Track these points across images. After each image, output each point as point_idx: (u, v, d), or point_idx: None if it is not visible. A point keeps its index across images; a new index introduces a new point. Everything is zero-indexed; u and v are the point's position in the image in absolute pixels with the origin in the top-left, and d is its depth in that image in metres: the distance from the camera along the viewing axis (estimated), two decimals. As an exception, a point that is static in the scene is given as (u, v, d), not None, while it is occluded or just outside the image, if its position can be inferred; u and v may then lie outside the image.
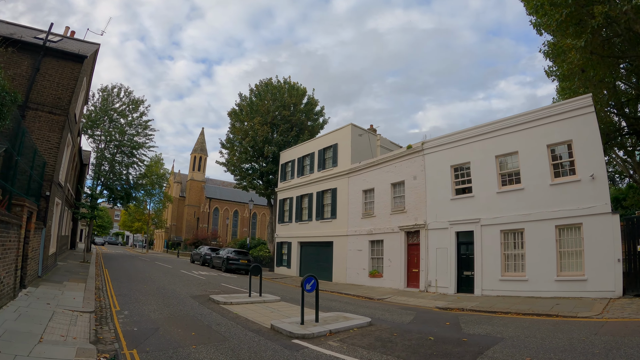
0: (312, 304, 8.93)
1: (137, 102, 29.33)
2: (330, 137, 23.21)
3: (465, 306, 11.78)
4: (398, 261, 17.43)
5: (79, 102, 15.94)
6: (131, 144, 28.90)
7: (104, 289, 11.82)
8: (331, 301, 13.45)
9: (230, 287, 15.19)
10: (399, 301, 13.92)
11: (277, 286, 18.12)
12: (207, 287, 14.42)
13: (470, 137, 15.78)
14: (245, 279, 20.30)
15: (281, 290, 16.25)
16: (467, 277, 15.00)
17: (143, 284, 13.97)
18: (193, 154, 60.53)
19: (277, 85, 29.74)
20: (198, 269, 23.78)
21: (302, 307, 8.18)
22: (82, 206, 25.42)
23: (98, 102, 28.42)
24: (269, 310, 9.94)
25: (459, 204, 15.78)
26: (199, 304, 10.34)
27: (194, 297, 11.68)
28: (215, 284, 16.16)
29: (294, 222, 25.22)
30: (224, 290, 14.13)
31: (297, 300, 12.73)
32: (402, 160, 18.29)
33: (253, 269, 12.01)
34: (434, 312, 11.53)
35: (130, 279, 15.06)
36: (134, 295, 11.15)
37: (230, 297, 11.38)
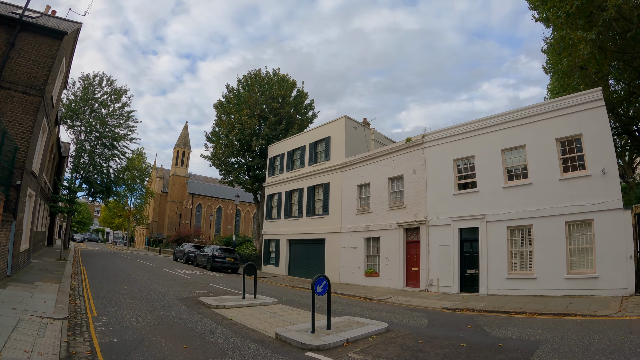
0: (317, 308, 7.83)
1: (119, 92, 27.45)
2: (323, 130, 22.10)
3: (474, 306, 11.06)
4: (396, 259, 16.53)
5: (57, 85, 14.27)
6: (112, 135, 27.03)
7: (80, 290, 10.50)
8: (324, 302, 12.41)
9: (219, 288, 13.87)
10: (401, 302, 13.01)
11: (267, 286, 16.89)
12: (194, 288, 13.07)
13: (474, 130, 15.01)
14: (233, 278, 19.13)
15: (273, 290, 15.07)
16: (471, 275, 14.27)
17: (123, 284, 12.55)
18: (176, 148, 58.42)
19: (266, 77, 28.35)
20: (182, 268, 22.25)
21: (313, 313, 7.05)
22: (60, 200, 23.50)
23: (79, 91, 26.47)
24: (267, 315, 8.78)
25: (462, 199, 14.97)
26: (187, 308, 9.05)
27: (181, 299, 10.36)
28: (202, 284, 14.80)
29: (283, 218, 23.99)
30: (213, 291, 12.81)
31: (295, 302, 11.67)
32: (400, 154, 17.38)
33: (247, 269, 10.80)
34: (444, 313, 10.66)
35: (109, 279, 13.62)
36: (113, 297, 9.77)
37: (222, 300, 10.14)
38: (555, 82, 22.66)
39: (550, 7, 14.50)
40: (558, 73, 18.81)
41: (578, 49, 14.28)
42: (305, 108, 28.95)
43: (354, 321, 8.20)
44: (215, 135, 29.30)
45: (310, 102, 29.11)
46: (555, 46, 16.57)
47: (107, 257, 26.40)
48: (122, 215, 45.42)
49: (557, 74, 19.11)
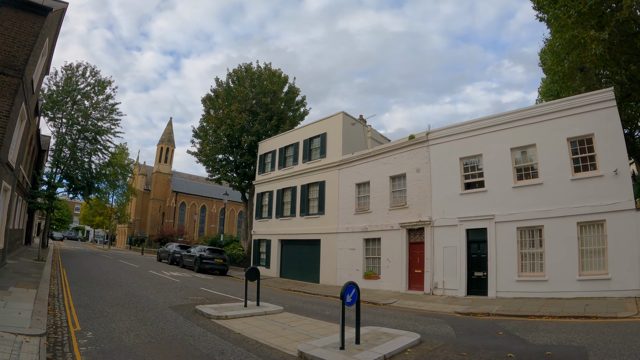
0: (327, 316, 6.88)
1: (103, 84, 25.60)
2: (318, 126, 21.08)
3: (489, 310, 10.50)
4: (398, 261, 15.73)
5: (39, 68, 12.71)
6: (95, 128, 25.15)
7: (60, 297, 9.19)
8: (333, 308, 11.41)
9: (213, 293, 12.61)
10: (409, 306, 12.23)
11: (261, 289, 15.75)
12: (187, 293, 11.78)
13: (482, 127, 14.44)
14: (224, 281, 17.90)
15: (269, 294, 13.94)
16: (478, 278, 13.64)
17: (108, 289, 11.17)
18: (160, 144, 56.04)
19: (257, 71, 27.08)
20: (168, 269, 20.73)
21: (343, 327, 6.04)
22: (39, 195, 21.60)
23: (61, 81, 24.55)
24: (278, 327, 7.72)
25: (469, 199, 14.31)
26: (184, 319, 7.84)
27: (175, 308, 9.12)
28: (194, 288, 13.50)
29: (275, 217, 22.84)
30: (208, 297, 11.55)
31: (301, 309, 10.62)
32: (402, 152, 16.59)
33: (250, 273, 9.66)
34: (461, 319, 9.94)
35: (92, 283, 12.20)
36: (98, 306, 8.45)
37: (223, 309, 8.97)
38: (550, 84, 22.53)
39: (561, 6, 14.20)
40: (558, 74, 18.52)
41: (589, 49, 14.02)
42: (296, 104, 27.84)
43: (381, 332, 7.24)
44: (202, 131, 27.81)
45: (301, 98, 28.05)
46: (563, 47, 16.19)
47: (88, 257, 24.59)
48: (103, 213, 42.92)
49: (557, 75, 18.80)
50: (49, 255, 20.80)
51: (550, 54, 17.78)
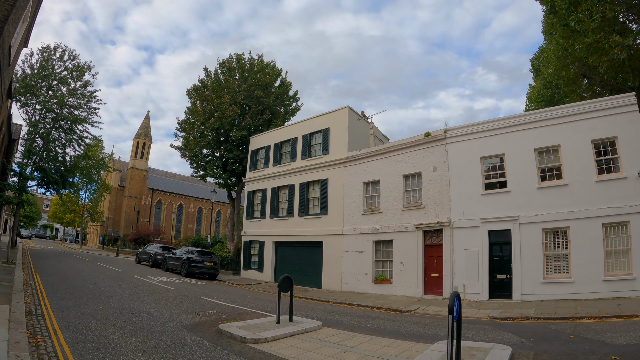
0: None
1: (82, 69, 22.65)
2: (320, 121, 19.46)
3: (526, 314, 9.95)
4: (413, 264, 14.46)
5: (18, 35, 10.27)
6: (71, 117, 22.14)
7: (39, 315, 7.02)
8: (367, 318, 10.02)
9: (221, 304, 10.70)
10: (436, 312, 11.18)
11: (260, 296, 14.00)
12: (192, 306, 9.83)
13: (504, 127, 13.75)
14: (220, 287, 15.98)
15: (272, 302, 12.29)
16: (501, 281, 12.85)
17: (96, 301, 9.06)
18: (136, 139, 52.05)
19: (249, 62, 25.06)
20: (153, 273, 18.31)
21: (452, 348, 4.57)
22: (8, 188, 18.56)
23: (37, 64, 21.50)
24: (336, 349, 6.07)
25: (491, 199, 13.40)
26: (212, 345, 6.02)
27: (190, 327, 7.22)
28: (194, 298, 11.48)
29: (268, 217, 20.95)
30: (219, 309, 9.69)
31: (335, 322, 8.98)
32: (417, 149, 15.37)
33: (283, 283, 7.94)
34: (505, 324, 9.20)
35: (74, 292, 9.98)
36: (92, 328, 6.43)
37: (254, 328, 7.19)
38: (542, 89, 22.32)
39: (583, 10, 13.75)
40: (563, 79, 18.14)
41: (610, 54, 13.63)
42: (289, 99, 26.07)
43: (466, 346, 5.92)
44: (187, 124, 25.36)
45: (294, 93, 26.30)
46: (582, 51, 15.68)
47: (61, 259, 21.73)
48: (75, 210, 38.68)
49: (561, 80, 18.38)
50: (19, 256, 18.10)
51: (555, 60, 17.28)
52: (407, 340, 7.02)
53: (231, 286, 17.27)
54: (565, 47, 16.16)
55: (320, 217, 18.23)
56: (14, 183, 20.41)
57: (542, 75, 22.58)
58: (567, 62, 16.57)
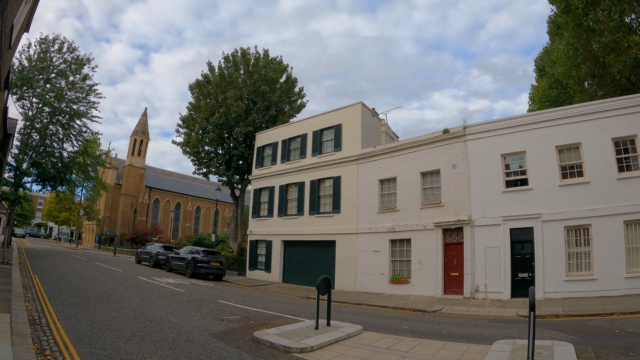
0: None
1: (81, 62, 21.89)
2: (331, 117, 19.14)
3: (555, 312, 9.86)
4: (432, 264, 14.27)
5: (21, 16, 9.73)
6: (70, 111, 21.39)
7: (44, 324, 6.33)
8: (382, 318, 9.86)
9: (242, 308, 10.25)
10: (462, 312, 11.05)
11: (275, 298, 13.68)
12: (211, 310, 9.36)
13: (525, 124, 13.72)
14: (231, 289, 15.65)
15: (293, 305, 11.99)
16: (523, 279, 12.81)
17: (105, 306, 8.40)
18: (133, 136, 51.14)
19: (255, 57, 24.59)
20: (157, 274, 17.81)
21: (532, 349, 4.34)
22: (4, 184, 17.81)
23: (35, 56, 20.78)
24: (391, 355, 5.76)
25: (513, 197, 13.33)
26: (252, 357, 5.51)
27: (220, 336, 6.66)
28: (210, 301, 10.96)
29: (277, 216, 20.57)
30: (243, 314, 9.24)
31: (371, 325, 8.61)
32: (435, 146, 15.19)
33: (322, 285, 7.57)
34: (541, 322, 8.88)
35: (79, 296, 9.27)
36: (107, 339, 5.71)
37: (292, 335, 6.76)
38: (547, 89, 22.37)
39: (602, 10, 13.76)
40: (573, 79, 18.19)
41: (629, 54, 13.69)
42: (295, 96, 25.67)
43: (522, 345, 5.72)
44: (190, 120, 24.77)
45: (299, 89, 25.91)
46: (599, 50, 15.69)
47: (59, 259, 21.07)
48: (70, 209, 37.58)
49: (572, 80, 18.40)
50: (14, 255, 17.51)
51: (565, 59, 17.27)
52: (457, 341, 6.81)
53: (240, 287, 16.92)
54: (576, 47, 16.22)
55: (332, 216, 17.92)
56: (9, 178, 19.63)
57: (547, 75, 22.65)
58: (577, 61, 16.65)
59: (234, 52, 24.55)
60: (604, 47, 14.75)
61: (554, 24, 22.28)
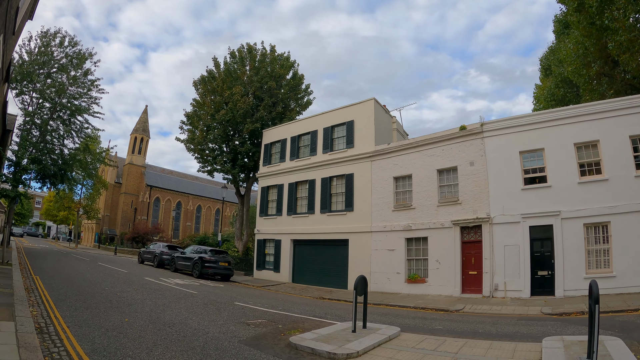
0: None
1: (83, 56, 21.55)
2: (343, 113, 19.12)
3: (580, 309, 10.02)
4: (450, 262, 14.31)
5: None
6: (71, 107, 21.03)
7: (52, 332, 5.79)
8: (409, 318, 9.89)
9: (263, 310, 9.96)
10: (485, 311, 11.11)
11: (291, 299, 13.59)
12: (233, 314, 8.99)
13: (542, 121, 13.91)
14: (243, 290, 15.59)
15: (313, 306, 11.93)
16: (542, 277, 12.98)
17: (116, 310, 7.92)
18: (134, 134, 51.07)
19: (262, 52, 24.45)
20: (164, 275, 17.71)
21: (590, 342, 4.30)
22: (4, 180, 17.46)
23: (35, 49, 20.73)
24: (442, 357, 5.68)
25: (532, 194, 13.51)
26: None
27: (251, 342, 6.32)
28: (226, 303, 10.69)
29: (285, 215, 20.49)
30: (266, 317, 8.95)
31: (405, 326, 8.48)
32: (452, 143, 15.24)
33: (360, 284, 7.43)
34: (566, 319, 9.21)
35: (87, 300, 8.78)
36: (127, 350, 5.25)
37: (330, 339, 6.46)
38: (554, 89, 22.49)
39: (618, 8, 13.87)
40: (584, 77, 18.33)
41: None
42: (302, 92, 25.53)
43: (575, 340, 5.86)
44: (194, 116, 24.51)
45: (306, 86, 25.78)
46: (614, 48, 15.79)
47: (59, 259, 20.88)
48: (70, 207, 37.14)
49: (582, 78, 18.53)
50: (14, 255, 17.32)
51: (575, 58, 17.38)
52: (500, 340, 6.85)
53: (251, 288, 16.86)
54: (586, 46, 16.34)
55: (345, 214, 17.89)
56: (9, 174, 19.19)
57: (554, 75, 22.79)
58: (588, 60, 16.77)
59: (240, 48, 24.46)
60: (619, 46, 14.87)
61: (560, 23, 22.50)
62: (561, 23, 22.12)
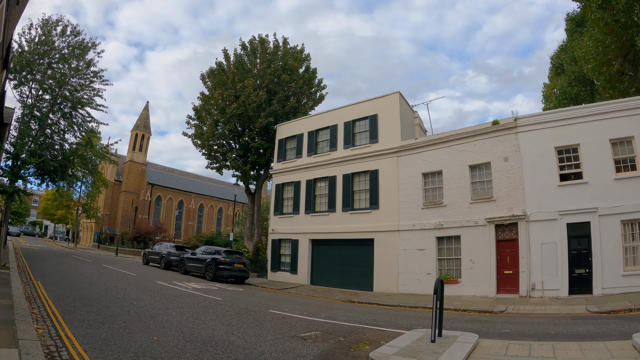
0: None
1: (86, 46, 21.73)
2: (365, 107, 19.55)
3: (627, 307, 10.49)
4: (485, 261, 14.81)
5: None
6: (73, 99, 21.18)
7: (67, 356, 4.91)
8: (463, 322, 10.04)
9: (307, 319, 9.42)
10: (531, 311, 11.49)
11: (318, 303, 13.50)
12: (277, 325, 8.32)
13: (577, 117, 14.45)
14: (266, 294, 15.67)
15: (344, 310, 11.77)
16: (579, 275, 13.50)
17: (139, 326, 6.99)
18: (134, 130, 51.88)
19: (274, 44, 24.83)
20: (176, 278, 17.44)
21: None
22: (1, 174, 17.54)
23: (36, 38, 20.91)
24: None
25: (568, 191, 14.04)
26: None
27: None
28: (261, 311, 10.20)
29: (303, 213, 20.91)
30: (313, 327, 8.40)
31: (474, 331, 7.84)
32: (484, 138, 15.75)
33: (440, 288, 7.22)
34: (625, 317, 9.61)
35: (100, 312, 7.84)
36: None
37: (416, 352, 6.07)
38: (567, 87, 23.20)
39: None
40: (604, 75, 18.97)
41: None
42: (314, 87, 26.00)
43: None
44: (203, 110, 24.80)
45: (319, 81, 26.25)
46: None
47: (60, 260, 20.74)
48: (69, 206, 37.35)
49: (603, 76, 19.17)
50: (11, 257, 17.07)
51: (595, 56, 18.02)
52: (582, 340, 6.92)
53: (270, 291, 16.90)
54: (607, 44, 16.99)
55: (370, 212, 18.34)
56: (7, 167, 19.20)
57: (567, 73, 23.50)
58: (608, 58, 17.41)
59: (251, 39, 24.79)
60: None
61: (572, 21, 23.27)
62: (574, 21, 23.00)
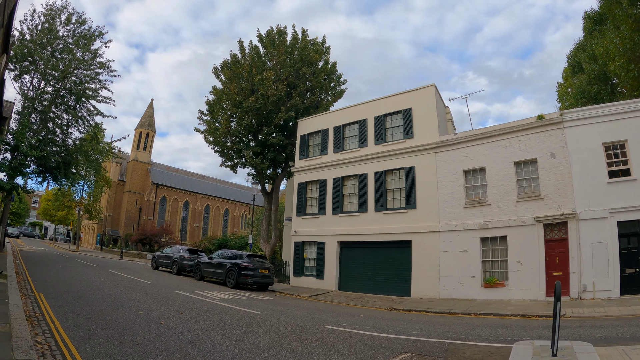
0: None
1: (92, 35, 22.04)
2: (398, 100, 20.08)
3: None
4: (533, 263, 15.39)
5: None
6: (77, 91, 21.45)
7: None
8: (522, 329, 10.30)
9: (373, 335, 8.91)
10: (591, 314, 12.07)
11: (359, 312, 13.58)
12: (353, 348, 7.43)
13: (625, 112, 15.05)
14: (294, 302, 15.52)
15: (398, 321, 11.59)
16: (630, 275, 14.14)
17: (181, 357, 5.81)
18: (139, 129, 53.04)
19: (293, 37, 25.39)
20: (195, 286, 17.00)
21: None
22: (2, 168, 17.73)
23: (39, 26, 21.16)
24: None
25: (617, 188, 14.68)
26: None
27: None
28: (317, 328, 9.46)
29: (330, 214, 21.44)
30: (394, 346, 7.78)
31: (581, 339, 7.79)
32: (529, 134, 16.36)
33: (561, 293, 7.17)
34: None
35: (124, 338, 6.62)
36: None
37: None
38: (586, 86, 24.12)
39: None
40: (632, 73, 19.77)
41: None
42: (335, 81, 26.62)
43: None
44: (216, 105, 25.24)
45: (338, 75, 26.85)
46: None
47: (63, 265, 20.47)
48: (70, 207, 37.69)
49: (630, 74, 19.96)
50: (9, 262, 16.38)
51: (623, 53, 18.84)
52: None
53: (300, 299, 16.88)
54: (635, 41, 17.83)
55: (406, 212, 18.89)
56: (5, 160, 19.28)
57: (586, 72, 24.52)
58: (637, 55, 18.25)
59: (269, 30, 25.27)
60: None
61: (590, 20, 24.32)
62: (592, 19, 24.06)
